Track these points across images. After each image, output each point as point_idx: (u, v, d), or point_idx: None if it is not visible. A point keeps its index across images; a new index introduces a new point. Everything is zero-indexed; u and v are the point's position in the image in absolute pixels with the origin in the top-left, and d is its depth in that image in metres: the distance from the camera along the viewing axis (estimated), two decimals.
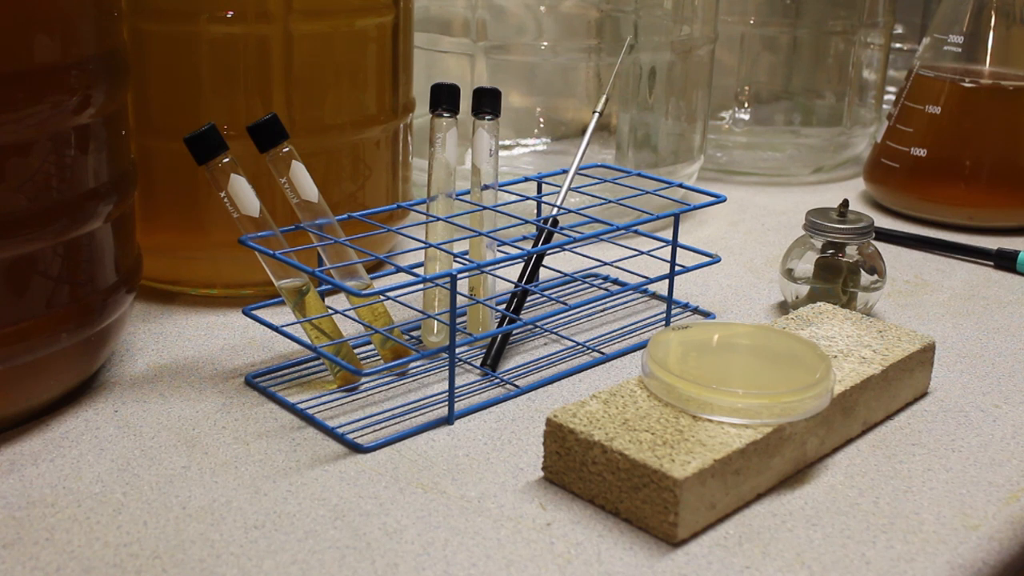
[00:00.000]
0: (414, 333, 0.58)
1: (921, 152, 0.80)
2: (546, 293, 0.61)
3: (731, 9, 0.89)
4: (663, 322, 0.60)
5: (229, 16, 0.57)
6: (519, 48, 0.77)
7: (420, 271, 0.58)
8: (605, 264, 0.61)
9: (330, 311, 0.51)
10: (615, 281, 0.66)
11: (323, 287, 0.55)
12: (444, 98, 0.55)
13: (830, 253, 0.60)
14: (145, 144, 0.58)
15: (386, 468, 0.45)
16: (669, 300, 0.59)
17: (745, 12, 0.90)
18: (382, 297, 0.54)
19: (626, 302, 0.63)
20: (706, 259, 0.59)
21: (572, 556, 0.39)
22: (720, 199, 0.60)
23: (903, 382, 0.51)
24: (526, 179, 0.63)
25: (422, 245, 0.54)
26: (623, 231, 0.58)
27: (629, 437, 0.42)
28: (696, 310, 0.62)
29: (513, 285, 0.58)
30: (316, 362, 0.54)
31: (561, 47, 0.78)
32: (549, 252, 0.61)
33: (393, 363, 0.48)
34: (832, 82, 0.93)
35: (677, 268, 0.59)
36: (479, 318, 0.57)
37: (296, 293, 0.50)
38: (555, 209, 0.59)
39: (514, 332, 0.58)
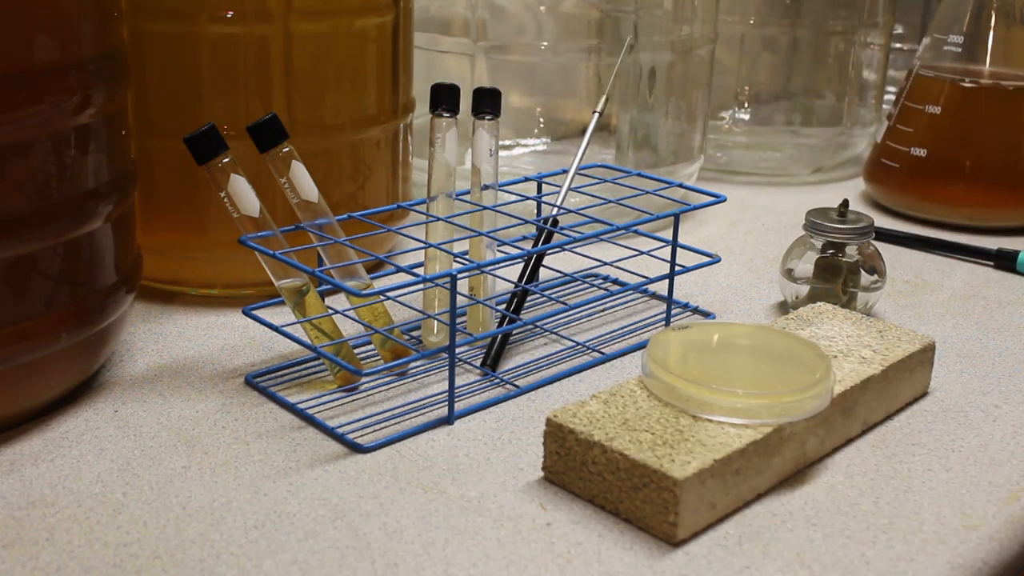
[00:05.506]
0: (414, 333, 0.58)
1: (921, 152, 0.80)
2: (546, 293, 0.61)
3: (731, 9, 0.89)
4: (663, 322, 0.60)
5: (229, 16, 0.57)
6: (519, 48, 0.77)
7: (420, 271, 0.58)
8: (605, 264, 0.61)
9: (330, 311, 0.51)
10: (615, 281, 0.66)
11: (323, 287, 0.55)
12: (444, 98, 0.55)
13: (830, 253, 0.60)
14: (145, 144, 0.58)
15: (386, 468, 0.45)
16: (669, 300, 0.59)
17: (745, 12, 0.90)
18: (382, 297, 0.54)
19: (626, 302, 0.63)
20: (706, 259, 0.59)
21: (572, 556, 0.39)
22: (720, 199, 0.60)
23: (903, 382, 0.51)
24: (526, 179, 0.63)
25: (422, 245, 0.54)
26: (623, 231, 0.58)
27: (629, 437, 0.42)
28: (696, 310, 0.62)
29: (513, 285, 0.58)
30: (316, 362, 0.54)
31: (561, 47, 0.78)
32: (549, 252, 0.60)
33: (393, 363, 0.48)
34: (832, 82, 0.93)
35: (677, 268, 0.59)
36: (479, 318, 0.57)
37: (296, 293, 0.50)
38: (555, 209, 0.59)
39: (514, 332, 0.58)
